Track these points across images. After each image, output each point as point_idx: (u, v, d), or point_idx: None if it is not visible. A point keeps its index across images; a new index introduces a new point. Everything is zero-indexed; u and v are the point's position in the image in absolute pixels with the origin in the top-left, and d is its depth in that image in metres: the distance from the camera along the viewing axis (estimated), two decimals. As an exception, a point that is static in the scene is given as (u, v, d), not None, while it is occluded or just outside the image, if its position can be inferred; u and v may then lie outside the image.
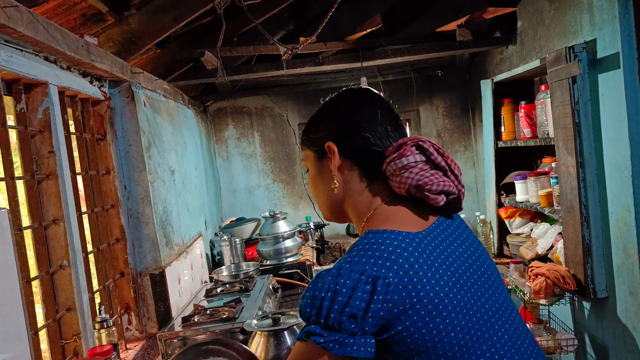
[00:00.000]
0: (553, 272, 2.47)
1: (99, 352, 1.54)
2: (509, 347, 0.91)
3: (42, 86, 1.60)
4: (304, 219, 4.05)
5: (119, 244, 2.09)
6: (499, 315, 0.93)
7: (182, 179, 2.75)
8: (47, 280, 1.59)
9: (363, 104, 1.03)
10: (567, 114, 2.39)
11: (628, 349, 2.28)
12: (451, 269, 0.89)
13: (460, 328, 0.85)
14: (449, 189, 0.95)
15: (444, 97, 4.34)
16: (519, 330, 0.96)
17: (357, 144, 0.99)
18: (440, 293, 0.85)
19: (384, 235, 0.89)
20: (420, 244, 0.89)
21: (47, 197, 1.62)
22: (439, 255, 0.90)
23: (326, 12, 2.62)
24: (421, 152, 0.96)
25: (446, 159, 0.97)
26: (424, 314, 0.83)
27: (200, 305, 2.05)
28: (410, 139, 0.97)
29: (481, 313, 0.89)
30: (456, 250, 0.94)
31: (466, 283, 0.90)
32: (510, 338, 0.92)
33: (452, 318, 0.85)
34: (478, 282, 0.93)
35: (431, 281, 0.85)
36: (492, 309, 0.92)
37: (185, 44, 2.84)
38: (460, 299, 0.87)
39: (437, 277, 0.86)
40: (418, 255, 0.87)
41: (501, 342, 0.90)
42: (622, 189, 2.19)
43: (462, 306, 0.87)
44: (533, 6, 2.88)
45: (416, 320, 0.83)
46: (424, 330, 0.83)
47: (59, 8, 1.77)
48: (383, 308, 0.82)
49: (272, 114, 4.32)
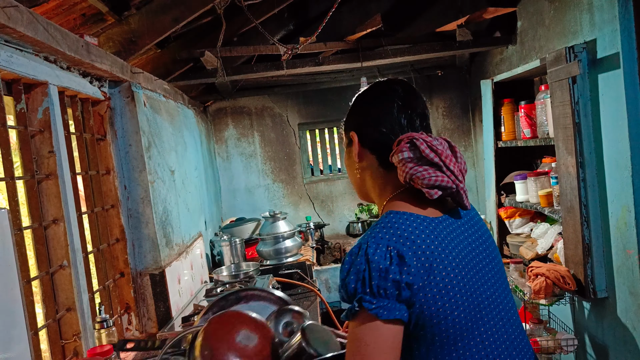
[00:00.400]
0: (553, 272, 2.47)
1: (99, 352, 1.54)
2: (502, 334, 1.00)
3: (42, 86, 1.60)
4: (304, 219, 4.06)
5: (119, 244, 2.09)
6: (497, 304, 1.01)
7: (182, 179, 2.75)
8: (47, 280, 1.59)
9: (382, 99, 1.10)
10: (567, 114, 2.39)
11: (628, 349, 2.28)
12: (460, 255, 0.97)
13: (463, 309, 0.94)
14: (443, 184, 0.99)
15: (444, 97, 4.34)
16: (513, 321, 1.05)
17: (374, 136, 1.08)
18: (450, 274, 0.93)
19: (404, 217, 0.97)
20: (436, 228, 0.97)
21: (47, 197, 1.62)
22: (451, 241, 0.98)
23: (326, 12, 2.62)
24: (414, 148, 1.01)
25: (440, 155, 1.00)
26: (435, 292, 0.92)
27: (200, 305, 2.05)
28: (407, 136, 1.03)
29: (482, 299, 0.98)
30: (465, 239, 1.02)
31: (471, 270, 0.98)
32: (504, 326, 1.01)
33: (457, 299, 0.93)
34: (482, 272, 1.01)
35: (443, 262, 0.94)
36: (491, 297, 1.00)
37: (185, 44, 2.84)
38: (465, 283, 0.95)
39: (449, 259, 0.95)
40: (433, 237, 0.95)
41: (496, 328, 1.00)
42: (622, 189, 2.19)
43: (466, 289, 0.95)
44: (533, 6, 2.88)
45: (428, 297, 0.91)
46: (432, 308, 0.92)
47: (59, 8, 1.77)
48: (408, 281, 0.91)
49: (272, 114, 4.32)
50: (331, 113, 4.34)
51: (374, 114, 1.09)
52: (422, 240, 0.94)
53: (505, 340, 1.00)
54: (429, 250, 0.93)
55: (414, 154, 1.00)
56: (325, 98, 4.32)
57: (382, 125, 1.07)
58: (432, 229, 0.97)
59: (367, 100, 1.13)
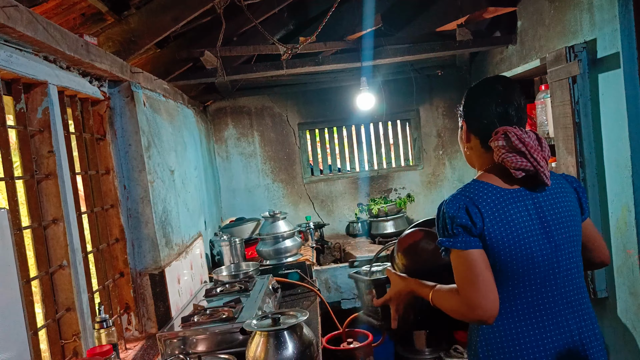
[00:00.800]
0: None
1: (99, 352, 1.54)
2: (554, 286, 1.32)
3: (41, 86, 1.60)
4: (303, 218, 4.05)
5: (119, 244, 2.09)
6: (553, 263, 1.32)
7: (181, 178, 2.75)
8: (46, 280, 1.59)
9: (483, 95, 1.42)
10: (567, 114, 2.39)
11: (628, 349, 2.28)
12: (518, 218, 1.31)
13: (512, 257, 1.29)
14: (526, 167, 1.30)
15: (444, 96, 4.34)
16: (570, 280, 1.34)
17: (477, 125, 1.42)
18: (501, 228, 1.29)
19: (480, 184, 1.35)
20: (503, 195, 1.32)
21: (46, 197, 1.62)
22: (510, 206, 1.31)
23: (326, 12, 2.62)
24: (507, 139, 1.32)
25: (527, 145, 1.29)
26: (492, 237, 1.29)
27: (199, 305, 2.05)
28: (502, 129, 1.34)
29: (535, 254, 1.30)
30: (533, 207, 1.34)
31: (528, 231, 1.31)
32: (557, 280, 1.32)
33: (508, 248, 1.29)
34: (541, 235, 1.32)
35: (497, 220, 1.29)
36: (547, 255, 1.31)
37: (185, 44, 2.84)
38: (515, 237, 1.29)
39: (503, 218, 1.29)
40: (496, 201, 1.31)
41: (548, 280, 1.31)
42: (622, 189, 2.19)
43: (516, 242, 1.29)
44: (533, 6, 2.88)
45: (486, 240, 1.29)
46: (490, 248, 1.29)
47: (59, 8, 1.77)
48: (471, 225, 1.28)
49: (271, 113, 4.32)
50: (331, 113, 4.34)
51: (478, 109, 1.41)
52: (484, 201, 1.30)
53: (555, 292, 1.32)
54: (488, 209, 1.29)
55: (506, 143, 1.32)
56: (325, 98, 4.32)
57: (483, 117, 1.39)
58: (498, 196, 1.32)
59: (474, 96, 1.44)
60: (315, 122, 4.38)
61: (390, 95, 4.25)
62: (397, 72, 4.14)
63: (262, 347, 1.63)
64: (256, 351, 1.63)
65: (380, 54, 3.29)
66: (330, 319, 2.75)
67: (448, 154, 4.38)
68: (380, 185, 4.44)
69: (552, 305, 1.31)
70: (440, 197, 4.26)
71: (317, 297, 2.63)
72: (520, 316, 1.30)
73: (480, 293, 1.24)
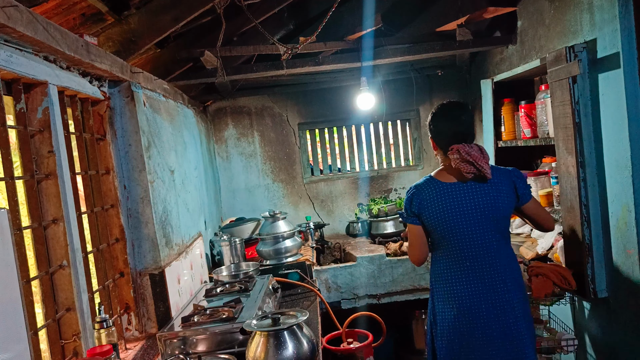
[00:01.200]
0: (553, 272, 2.47)
1: (99, 352, 1.54)
2: (473, 253, 1.95)
3: (41, 86, 1.60)
4: (303, 218, 4.05)
5: (119, 244, 2.09)
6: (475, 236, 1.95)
7: (181, 179, 2.75)
8: (46, 280, 1.59)
9: (442, 120, 2.03)
10: (567, 114, 2.39)
11: (628, 349, 2.28)
12: (452, 204, 1.95)
13: (442, 229, 1.97)
14: (473, 171, 1.92)
15: (443, 96, 4.33)
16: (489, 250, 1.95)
17: (438, 141, 2.04)
18: (433, 209, 1.97)
19: (428, 179, 2.04)
20: (442, 188, 1.98)
21: (46, 197, 1.62)
22: (449, 196, 1.96)
23: (326, 12, 2.62)
24: (459, 153, 1.92)
25: (472, 157, 1.90)
26: (426, 217, 1.99)
27: (200, 305, 2.05)
28: (455, 147, 1.94)
29: (458, 228, 1.95)
30: (468, 197, 1.96)
31: (458, 213, 1.95)
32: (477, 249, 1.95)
33: (438, 223, 1.97)
34: (469, 216, 1.94)
35: (433, 205, 1.97)
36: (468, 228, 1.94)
37: (185, 44, 2.84)
38: (443, 216, 1.95)
39: (435, 202, 1.97)
40: (435, 192, 1.98)
41: (468, 248, 1.95)
42: (622, 189, 2.19)
43: (443, 219, 1.96)
44: (533, 6, 2.88)
45: (424, 219, 2.00)
46: (426, 223, 2.00)
47: (59, 8, 1.77)
48: (414, 209, 2.00)
49: (271, 113, 4.32)
50: (331, 113, 4.34)
51: (438, 130, 2.04)
52: (425, 193, 1.99)
53: (472, 261, 1.95)
54: (427, 198, 1.98)
55: (458, 156, 1.93)
56: (325, 98, 4.32)
57: (442, 136, 2.02)
58: (437, 188, 1.98)
59: (435, 120, 2.05)
60: (316, 122, 4.38)
61: (390, 95, 4.25)
62: (397, 72, 4.14)
63: (262, 347, 1.63)
64: (256, 351, 1.63)
65: (380, 54, 3.29)
66: (330, 319, 2.75)
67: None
68: (380, 185, 4.44)
69: (465, 265, 1.96)
70: (440, 197, 4.25)
71: (317, 297, 2.63)
72: (442, 266, 2.03)
73: (413, 250, 2.08)
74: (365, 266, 3.26)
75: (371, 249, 3.57)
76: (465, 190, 1.94)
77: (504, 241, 1.99)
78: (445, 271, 1.99)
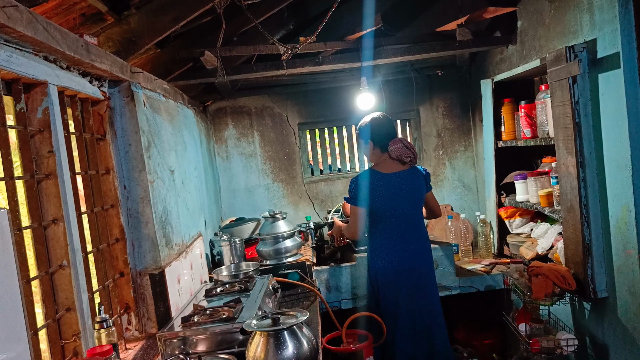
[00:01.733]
0: (553, 272, 2.47)
1: (99, 352, 1.54)
2: (404, 228, 2.68)
3: (41, 86, 1.60)
4: (303, 218, 4.05)
5: (119, 244, 2.09)
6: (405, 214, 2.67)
7: (181, 178, 2.75)
8: (46, 280, 1.59)
9: (379, 126, 2.74)
10: (567, 114, 2.39)
11: (628, 349, 2.28)
12: (390, 188, 2.64)
13: (382, 208, 2.65)
14: (410, 156, 2.68)
15: (444, 97, 4.34)
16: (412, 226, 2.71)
17: (378, 141, 2.73)
18: (377, 193, 2.63)
19: (370, 170, 2.69)
20: (381, 177, 2.66)
21: (46, 197, 1.62)
22: (388, 183, 2.65)
23: (326, 12, 2.62)
24: (401, 142, 2.68)
25: (407, 145, 2.68)
26: (370, 200, 2.64)
27: (200, 305, 2.05)
28: (397, 139, 2.70)
29: (395, 207, 2.65)
30: (401, 182, 2.66)
31: (394, 195, 2.64)
32: (406, 224, 2.68)
33: (379, 204, 2.64)
34: (400, 198, 2.64)
35: (375, 190, 2.64)
36: (401, 208, 2.66)
37: (185, 44, 2.84)
38: (385, 199, 2.64)
39: (379, 189, 2.63)
40: (376, 180, 2.65)
41: (400, 223, 2.68)
42: (622, 189, 2.19)
43: (385, 201, 2.64)
44: (533, 6, 2.88)
45: (369, 201, 2.64)
46: (371, 205, 2.65)
47: (59, 8, 1.77)
48: (358, 194, 2.65)
49: (271, 113, 4.32)
50: (331, 113, 4.34)
51: (378, 133, 2.73)
52: (367, 180, 2.63)
53: (403, 227, 2.67)
54: (369, 184, 2.62)
55: (401, 145, 2.67)
56: (325, 98, 4.31)
57: (382, 137, 2.73)
58: (378, 177, 2.65)
59: (375, 126, 2.74)
60: (316, 122, 4.38)
61: (390, 95, 4.25)
62: (397, 72, 4.14)
63: (262, 347, 1.63)
64: (256, 351, 1.63)
65: (380, 54, 3.29)
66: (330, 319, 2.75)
67: (448, 154, 4.38)
68: (380, 185, 4.43)
69: (401, 233, 2.66)
70: (440, 197, 4.26)
71: (317, 297, 2.63)
72: (384, 236, 2.67)
73: (353, 227, 2.71)
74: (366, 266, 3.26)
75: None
76: (401, 178, 2.66)
77: (421, 215, 2.81)
78: (387, 239, 2.67)
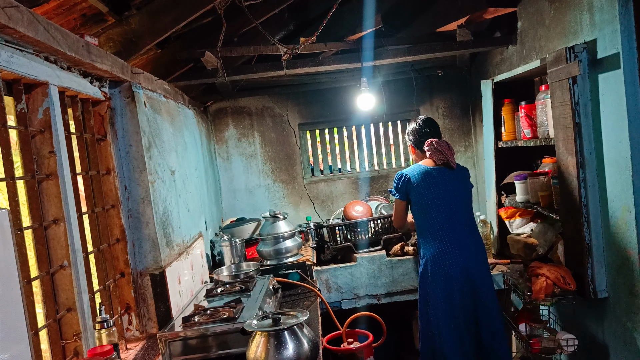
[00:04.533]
0: (553, 272, 2.47)
1: (99, 352, 1.54)
2: (451, 221, 2.58)
3: (42, 86, 1.60)
4: (304, 219, 4.06)
5: (119, 244, 2.09)
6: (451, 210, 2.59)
7: (182, 179, 2.75)
8: (47, 280, 1.60)
9: (419, 128, 2.79)
10: (567, 114, 2.39)
11: (628, 349, 2.28)
12: (435, 184, 2.60)
13: (427, 202, 2.60)
14: (442, 158, 2.65)
15: (444, 97, 4.34)
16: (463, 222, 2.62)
17: (416, 144, 2.80)
18: (423, 188, 2.61)
19: (416, 165, 2.71)
20: (427, 170, 2.63)
21: (47, 197, 1.62)
22: (433, 177, 2.62)
23: (326, 13, 2.62)
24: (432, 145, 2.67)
25: (441, 146, 2.66)
26: (414, 193, 2.63)
27: (200, 305, 2.05)
28: (429, 141, 2.69)
29: (439, 202, 2.58)
30: (445, 179, 2.62)
31: (439, 191, 2.59)
32: (453, 218, 2.59)
33: (424, 198, 2.60)
34: (446, 194, 2.59)
35: (420, 184, 2.61)
36: (447, 205, 2.59)
37: (186, 44, 2.84)
38: (430, 193, 2.59)
39: (424, 183, 2.61)
40: (422, 174, 2.63)
41: (447, 217, 2.58)
42: (622, 189, 2.19)
43: (430, 196, 2.59)
44: (533, 6, 2.88)
45: (412, 194, 2.64)
46: (414, 199, 2.65)
47: (59, 8, 1.77)
48: (404, 186, 2.66)
49: (272, 114, 4.32)
50: (331, 113, 4.34)
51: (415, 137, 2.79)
52: (415, 174, 2.63)
53: (452, 224, 2.58)
54: (414, 176, 2.62)
55: (431, 147, 2.67)
56: (325, 98, 4.32)
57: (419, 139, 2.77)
58: (423, 171, 2.63)
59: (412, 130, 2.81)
60: (316, 122, 4.38)
61: (390, 95, 4.25)
62: (398, 72, 4.14)
63: (262, 347, 1.63)
64: (257, 351, 1.64)
65: (380, 55, 3.29)
66: (331, 319, 2.76)
67: (448, 154, 4.38)
68: (380, 186, 4.44)
69: (449, 230, 2.56)
70: (440, 198, 4.25)
71: (317, 297, 2.64)
72: (432, 231, 2.59)
73: (396, 219, 2.82)
74: (366, 266, 3.26)
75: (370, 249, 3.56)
76: (447, 174, 2.65)
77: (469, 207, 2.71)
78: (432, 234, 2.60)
